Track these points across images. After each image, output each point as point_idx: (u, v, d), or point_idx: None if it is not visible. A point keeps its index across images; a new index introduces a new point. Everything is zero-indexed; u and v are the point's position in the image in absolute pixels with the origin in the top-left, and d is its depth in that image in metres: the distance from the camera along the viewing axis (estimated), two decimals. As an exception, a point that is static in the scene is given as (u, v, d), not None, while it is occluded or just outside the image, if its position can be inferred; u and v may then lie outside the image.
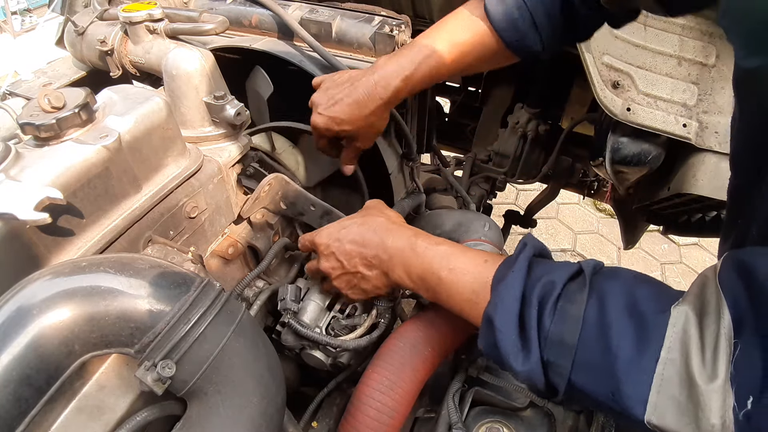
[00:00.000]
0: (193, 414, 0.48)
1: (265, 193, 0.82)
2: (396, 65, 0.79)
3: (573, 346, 0.46)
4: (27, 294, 0.44)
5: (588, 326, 0.46)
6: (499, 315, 0.51)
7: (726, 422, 0.37)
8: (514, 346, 0.50)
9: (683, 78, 0.95)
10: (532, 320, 0.49)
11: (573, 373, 0.47)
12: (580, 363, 0.46)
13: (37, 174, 0.52)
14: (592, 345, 0.45)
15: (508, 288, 0.51)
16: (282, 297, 0.75)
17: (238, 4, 1.10)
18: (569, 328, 0.47)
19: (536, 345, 0.48)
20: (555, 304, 0.48)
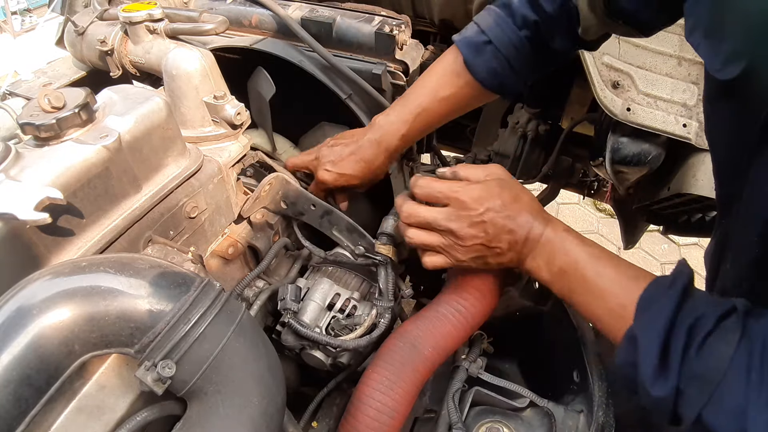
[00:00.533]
0: (193, 414, 0.48)
1: (265, 192, 0.82)
2: (392, 126, 0.86)
3: (714, 384, 0.46)
4: (27, 294, 0.44)
5: (733, 369, 0.46)
6: (645, 336, 0.51)
7: None
8: (654, 371, 0.49)
9: (683, 78, 0.95)
10: (678, 349, 0.49)
11: (706, 409, 0.47)
12: (715, 401, 0.46)
13: (37, 174, 0.52)
14: (733, 387, 0.45)
15: (660, 312, 0.51)
16: (282, 297, 0.75)
17: (238, 4, 1.10)
18: (715, 366, 0.47)
19: (675, 374, 0.48)
20: (704, 339, 0.48)
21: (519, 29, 0.77)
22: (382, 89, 1.00)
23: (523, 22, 0.77)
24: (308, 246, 0.88)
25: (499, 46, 0.78)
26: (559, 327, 0.82)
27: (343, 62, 0.97)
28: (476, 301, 0.72)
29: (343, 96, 0.98)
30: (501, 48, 0.78)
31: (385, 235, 0.81)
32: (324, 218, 0.85)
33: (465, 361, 0.77)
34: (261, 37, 1.05)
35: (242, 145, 0.80)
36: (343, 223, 0.84)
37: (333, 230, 0.86)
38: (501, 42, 0.78)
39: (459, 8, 1.20)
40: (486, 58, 0.80)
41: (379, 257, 0.79)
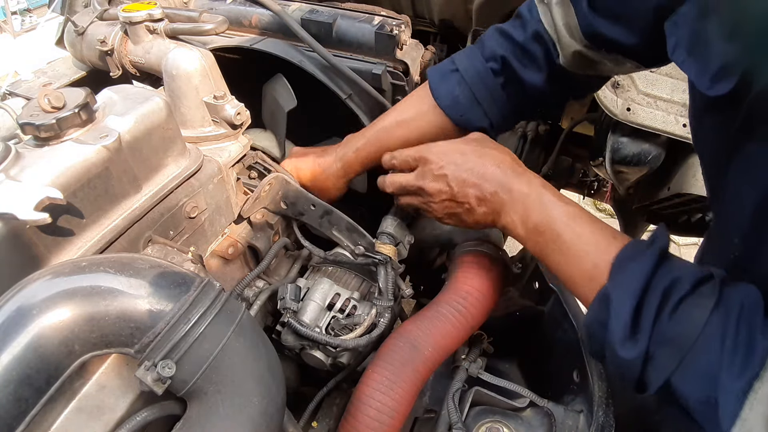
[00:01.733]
0: (193, 414, 0.48)
1: (265, 192, 0.82)
2: (353, 139, 0.86)
3: (686, 350, 0.46)
4: (27, 294, 0.44)
5: (706, 335, 0.45)
6: (618, 296, 0.50)
7: None
8: (624, 332, 0.49)
9: (683, 78, 0.95)
10: (651, 312, 0.48)
11: (675, 374, 0.46)
12: (685, 366, 0.46)
13: (37, 174, 0.52)
14: (704, 353, 0.45)
15: (636, 272, 0.50)
16: (282, 296, 0.75)
17: (238, 4, 1.10)
18: (687, 331, 0.46)
19: (646, 337, 0.48)
20: (679, 302, 0.47)
21: (486, 60, 0.74)
22: (382, 89, 1.00)
23: (490, 53, 0.74)
24: (308, 246, 0.88)
25: (464, 75, 0.76)
26: (559, 327, 0.82)
27: (343, 62, 0.97)
28: (476, 301, 0.72)
29: (343, 96, 0.98)
30: (466, 77, 0.75)
31: (385, 234, 0.81)
32: (324, 218, 0.85)
33: (465, 361, 0.77)
34: (261, 37, 1.05)
35: (242, 145, 0.81)
36: (343, 223, 0.84)
37: (333, 230, 0.85)
38: (466, 71, 0.75)
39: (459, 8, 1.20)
40: (450, 85, 0.77)
41: (379, 256, 0.79)
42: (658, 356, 0.47)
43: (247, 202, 0.81)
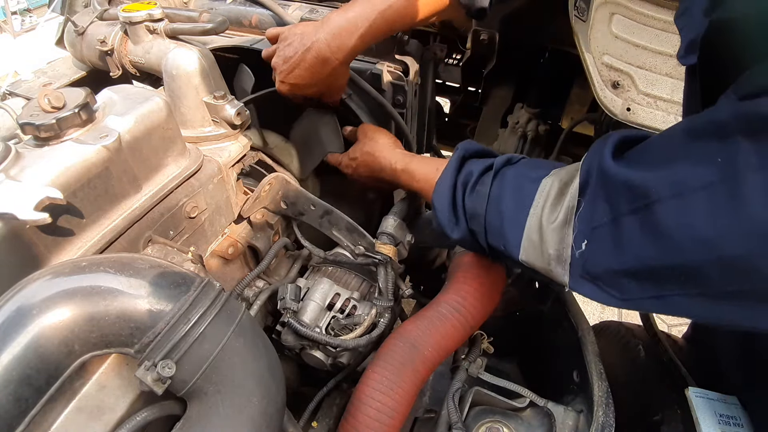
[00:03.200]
0: (193, 414, 0.48)
1: (265, 192, 0.82)
2: (350, 23, 0.77)
3: (482, 216, 0.62)
4: (27, 294, 0.44)
5: (491, 200, 0.61)
6: (437, 199, 0.68)
7: (562, 255, 0.52)
8: (449, 221, 0.66)
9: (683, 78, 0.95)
10: (459, 200, 0.65)
11: (487, 236, 0.62)
12: (488, 228, 0.62)
13: (37, 174, 0.52)
14: (493, 212, 0.61)
15: (442, 180, 0.68)
16: (282, 296, 0.75)
17: (238, 4, 1.10)
18: (479, 202, 0.62)
19: (463, 218, 0.65)
20: (473, 187, 0.64)
21: None
22: (382, 89, 1.00)
23: None
24: (308, 246, 0.88)
25: None
26: (559, 327, 0.82)
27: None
28: (476, 301, 0.72)
29: (343, 96, 0.98)
30: None
31: (385, 234, 0.81)
32: (324, 218, 0.85)
33: (465, 361, 0.77)
34: (261, 37, 1.05)
35: (242, 145, 0.80)
36: (342, 223, 0.84)
37: (333, 230, 0.85)
38: None
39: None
40: None
41: (379, 256, 0.79)
42: (474, 229, 0.64)
43: (247, 202, 0.81)
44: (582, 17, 0.98)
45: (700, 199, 0.39)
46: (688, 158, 0.42)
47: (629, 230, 0.45)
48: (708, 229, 0.39)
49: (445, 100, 1.89)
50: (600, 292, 0.49)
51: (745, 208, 0.36)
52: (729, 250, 0.38)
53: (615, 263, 0.46)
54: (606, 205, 0.47)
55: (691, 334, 0.99)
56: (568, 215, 0.51)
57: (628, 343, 0.92)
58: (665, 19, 0.94)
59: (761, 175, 0.36)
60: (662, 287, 0.44)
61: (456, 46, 1.56)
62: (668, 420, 0.75)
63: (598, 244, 0.48)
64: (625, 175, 0.46)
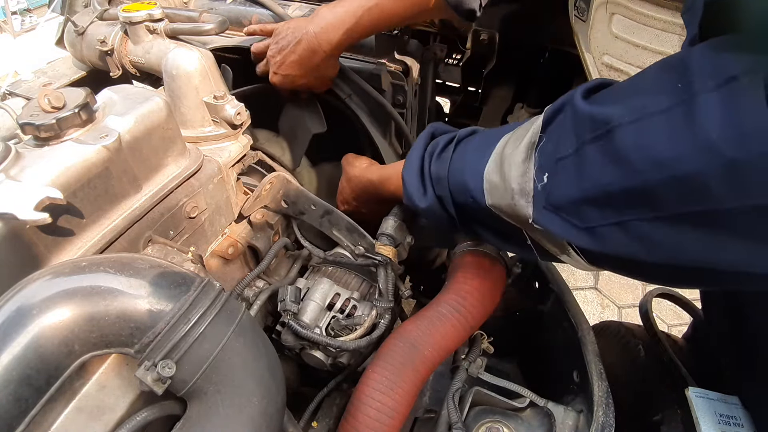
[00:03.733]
0: (193, 414, 0.48)
1: (266, 191, 0.82)
2: (337, 18, 0.82)
3: (445, 177, 0.63)
4: (27, 294, 0.44)
5: (453, 160, 0.63)
6: (406, 171, 0.69)
7: (525, 189, 0.52)
8: (417, 191, 0.68)
9: (683, 78, 0.95)
10: (426, 169, 0.67)
11: (453, 197, 0.63)
12: (452, 188, 0.62)
13: (37, 174, 0.52)
14: (455, 171, 0.62)
15: (411, 154, 0.70)
16: (282, 298, 0.75)
17: (238, 4, 1.10)
18: (442, 165, 0.64)
19: (430, 185, 0.66)
20: (439, 154, 0.66)
21: None
22: (382, 89, 1.00)
23: None
24: (307, 246, 0.88)
25: None
26: (559, 327, 0.82)
27: (343, 62, 0.97)
28: (476, 301, 0.72)
29: (343, 96, 0.98)
30: None
31: (386, 235, 0.81)
32: (324, 218, 0.85)
33: (465, 361, 0.77)
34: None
35: (242, 145, 0.80)
36: (343, 223, 0.84)
37: (333, 230, 0.85)
38: None
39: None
40: None
41: (379, 257, 0.79)
42: (440, 194, 0.65)
43: (247, 201, 0.81)
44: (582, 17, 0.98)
45: (658, 122, 0.40)
46: (652, 87, 0.43)
47: (591, 158, 0.46)
48: (664, 149, 0.40)
49: (445, 100, 1.89)
50: (562, 222, 0.49)
51: (698, 127, 0.37)
52: (682, 168, 0.38)
53: (577, 192, 0.47)
54: (571, 136, 0.48)
55: (691, 334, 0.99)
56: (529, 150, 0.52)
57: (628, 343, 0.92)
58: (665, 19, 0.94)
59: (716, 94, 0.37)
60: (621, 212, 0.45)
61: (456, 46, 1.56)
62: (668, 420, 0.75)
63: (562, 175, 0.49)
64: (591, 108, 0.47)
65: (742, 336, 0.71)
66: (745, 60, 0.36)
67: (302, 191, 0.85)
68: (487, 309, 0.74)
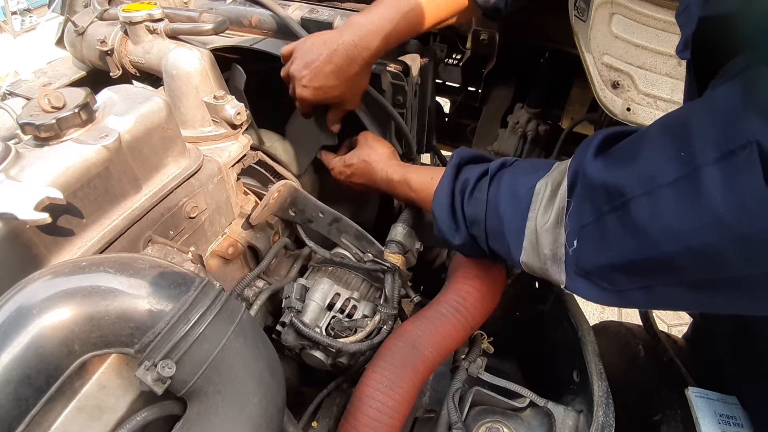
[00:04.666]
0: (193, 414, 0.48)
1: (274, 200, 0.82)
2: (374, 25, 0.80)
3: (482, 221, 0.63)
4: (27, 294, 0.44)
5: (489, 205, 0.63)
6: (437, 208, 0.69)
7: (557, 254, 0.54)
8: (450, 228, 0.68)
9: (683, 78, 0.95)
10: (458, 207, 0.67)
11: (488, 240, 0.64)
12: (489, 232, 0.63)
13: (37, 174, 0.52)
14: (492, 218, 0.62)
15: (440, 189, 0.70)
16: (287, 294, 0.75)
17: (238, 4, 1.10)
18: (479, 208, 0.64)
19: (463, 224, 0.67)
20: (471, 193, 0.66)
21: None
22: (382, 89, 1.00)
23: None
24: (312, 246, 0.87)
25: None
26: (559, 327, 0.81)
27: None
28: (476, 301, 0.72)
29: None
30: None
31: (395, 242, 0.81)
32: (332, 225, 0.85)
33: (465, 361, 0.77)
34: (261, 37, 1.05)
35: (242, 145, 0.80)
36: (351, 231, 0.84)
37: (341, 237, 0.86)
38: None
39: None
40: None
41: (388, 264, 0.79)
42: (475, 234, 0.66)
43: (255, 210, 0.81)
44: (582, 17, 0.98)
45: (667, 195, 0.42)
46: (658, 154, 0.44)
47: (611, 227, 0.47)
48: (677, 222, 0.41)
49: (445, 100, 1.89)
50: (594, 287, 0.52)
51: (705, 201, 0.39)
52: (696, 241, 0.40)
53: (603, 259, 0.49)
54: (590, 204, 0.50)
55: (691, 334, 0.99)
56: (559, 216, 0.54)
57: (628, 343, 0.92)
58: (665, 19, 0.94)
59: (717, 168, 0.38)
60: (646, 278, 0.47)
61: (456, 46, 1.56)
62: (668, 420, 0.75)
63: (587, 241, 0.51)
64: (603, 175, 0.49)
65: (742, 336, 0.71)
66: (741, 130, 0.37)
67: (310, 199, 0.85)
68: (487, 309, 0.74)
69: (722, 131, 0.39)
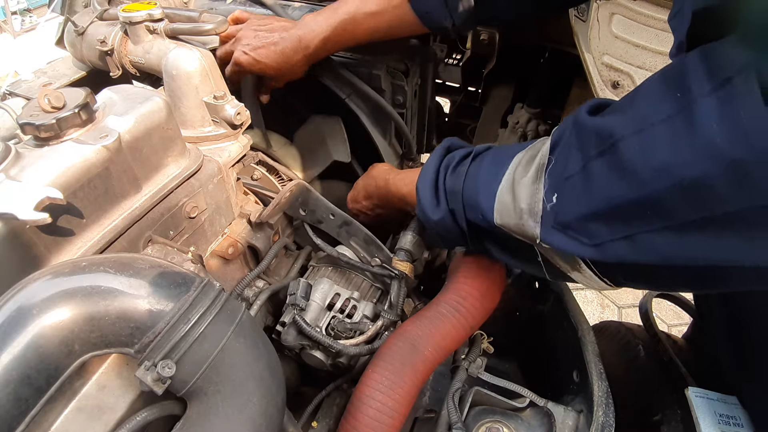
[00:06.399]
0: (193, 414, 0.48)
1: (286, 199, 0.82)
2: (317, 27, 0.87)
3: (460, 192, 0.63)
4: (27, 294, 0.44)
5: (468, 176, 0.63)
6: (421, 183, 0.69)
7: (534, 209, 0.53)
8: (430, 203, 0.68)
9: (683, 78, 0.95)
10: (441, 182, 0.67)
11: (465, 212, 0.63)
12: (466, 203, 0.63)
13: (37, 174, 0.52)
14: (469, 187, 0.62)
15: (427, 165, 0.70)
16: (292, 292, 0.75)
17: (238, 4, 1.10)
18: (457, 180, 0.64)
19: (444, 198, 0.67)
20: (455, 168, 0.66)
21: None
22: (382, 89, 1.00)
23: None
24: (320, 244, 0.87)
25: None
26: (559, 327, 0.82)
27: (342, 62, 0.97)
28: (476, 301, 0.72)
29: (343, 96, 0.98)
30: None
31: (404, 250, 0.81)
32: (342, 228, 0.85)
33: (465, 361, 0.77)
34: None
35: (242, 145, 0.80)
36: (361, 235, 0.84)
37: (351, 241, 0.86)
38: None
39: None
40: None
41: (396, 271, 0.79)
42: (453, 207, 0.65)
43: (267, 208, 0.81)
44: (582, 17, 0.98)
45: (660, 131, 0.41)
46: (652, 97, 0.44)
47: (598, 173, 0.46)
48: (667, 157, 0.40)
49: (445, 100, 1.89)
50: (569, 240, 0.50)
51: (698, 132, 0.38)
52: (687, 174, 0.39)
53: (585, 208, 0.48)
54: (577, 152, 0.49)
55: (691, 334, 0.99)
56: (538, 171, 0.53)
57: (628, 343, 0.92)
58: (665, 19, 0.94)
59: (713, 97, 0.37)
60: (630, 225, 0.45)
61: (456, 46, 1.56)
62: (668, 420, 0.75)
63: (570, 193, 0.49)
64: (596, 121, 0.48)
65: (742, 336, 0.71)
66: (737, 60, 0.37)
67: (321, 200, 0.85)
68: (487, 309, 0.74)
69: (717, 64, 0.38)
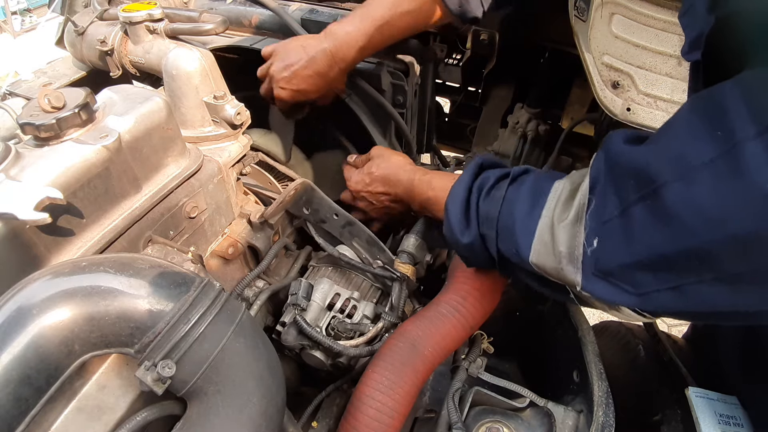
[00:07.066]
0: (193, 414, 0.48)
1: (290, 197, 0.82)
2: (350, 37, 0.87)
3: (495, 218, 0.60)
4: (27, 294, 0.44)
5: (505, 203, 0.60)
6: (450, 201, 0.66)
7: (574, 253, 0.50)
8: (460, 224, 0.64)
9: (683, 78, 0.95)
10: (473, 204, 0.64)
11: (498, 240, 0.60)
12: (500, 231, 0.60)
13: (37, 174, 0.52)
14: (506, 215, 0.59)
15: (458, 183, 0.67)
16: (294, 291, 0.75)
17: (238, 4, 1.10)
18: (493, 206, 0.61)
19: (475, 222, 0.63)
20: (489, 191, 0.63)
21: None
22: (382, 89, 1.00)
23: None
24: (321, 243, 0.87)
25: None
26: (559, 327, 0.82)
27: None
28: (476, 301, 0.72)
29: (343, 96, 0.98)
30: None
31: (407, 253, 0.81)
32: (345, 228, 0.85)
33: (465, 361, 0.77)
34: (261, 37, 1.05)
35: (242, 145, 0.80)
36: (364, 236, 0.84)
37: (353, 241, 0.86)
38: None
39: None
40: None
41: (398, 274, 0.79)
42: (485, 233, 0.62)
43: (271, 206, 0.81)
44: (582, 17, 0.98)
45: (704, 177, 0.38)
46: (689, 135, 0.41)
47: (639, 219, 0.43)
48: (715, 207, 0.38)
49: (445, 100, 1.89)
50: (613, 289, 0.47)
51: (748, 178, 0.35)
52: (738, 226, 0.36)
53: (627, 256, 0.45)
54: (615, 197, 0.46)
55: (691, 334, 0.99)
56: (579, 213, 0.50)
57: (628, 343, 0.92)
58: (665, 19, 0.94)
59: (759, 141, 0.35)
60: (677, 275, 0.42)
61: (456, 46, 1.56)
62: (668, 420, 0.75)
63: (610, 239, 0.47)
64: (630, 158, 0.45)
65: (742, 336, 0.71)
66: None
67: (325, 200, 0.85)
68: (487, 309, 0.74)
69: (761, 105, 0.35)
